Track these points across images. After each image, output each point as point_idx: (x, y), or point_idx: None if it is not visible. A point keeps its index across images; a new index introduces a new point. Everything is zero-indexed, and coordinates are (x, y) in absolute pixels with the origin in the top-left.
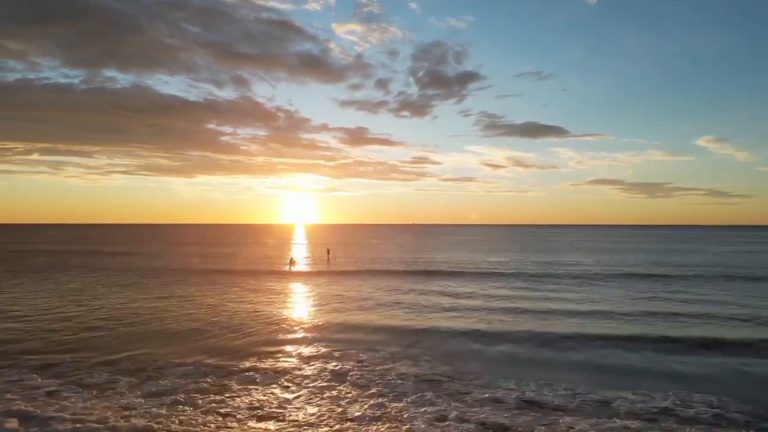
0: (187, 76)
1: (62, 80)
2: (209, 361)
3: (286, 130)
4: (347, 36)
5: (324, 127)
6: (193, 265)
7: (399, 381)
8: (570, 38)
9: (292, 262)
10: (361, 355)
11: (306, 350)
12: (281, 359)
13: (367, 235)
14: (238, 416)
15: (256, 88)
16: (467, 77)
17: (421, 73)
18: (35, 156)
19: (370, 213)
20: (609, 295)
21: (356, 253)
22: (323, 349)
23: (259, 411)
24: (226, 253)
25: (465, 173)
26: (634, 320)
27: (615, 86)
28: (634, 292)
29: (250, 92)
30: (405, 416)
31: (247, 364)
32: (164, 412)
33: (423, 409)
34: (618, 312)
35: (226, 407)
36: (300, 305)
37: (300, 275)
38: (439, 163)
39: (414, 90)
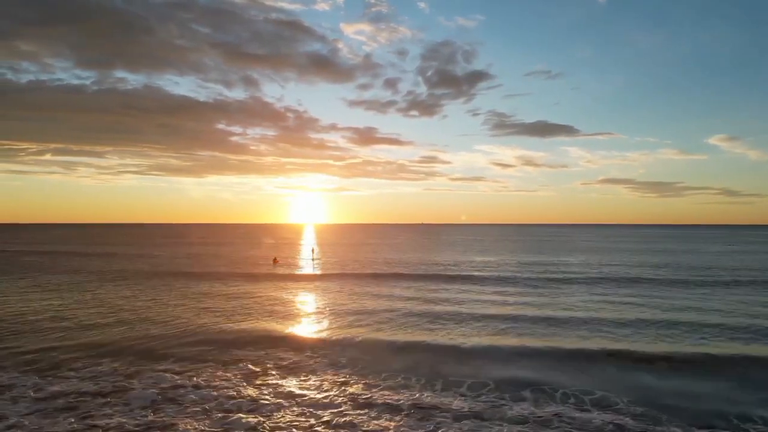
0: (197, 77)
1: (74, 81)
2: None
3: (295, 130)
4: (356, 36)
5: (333, 127)
6: (165, 267)
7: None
8: (580, 37)
9: (275, 261)
10: (221, 371)
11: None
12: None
13: (368, 235)
14: None
15: (265, 88)
16: (476, 76)
17: (429, 73)
18: (48, 156)
19: (379, 212)
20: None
21: (345, 254)
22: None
23: None
24: (213, 254)
25: (474, 172)
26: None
27: (626, 84)
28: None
29: (259, 92)
30: None
31: None
32: None
33: None
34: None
35: None
36: (206, 311)
37: (270, 276)
38: (448, 163)
39: (423, 89)
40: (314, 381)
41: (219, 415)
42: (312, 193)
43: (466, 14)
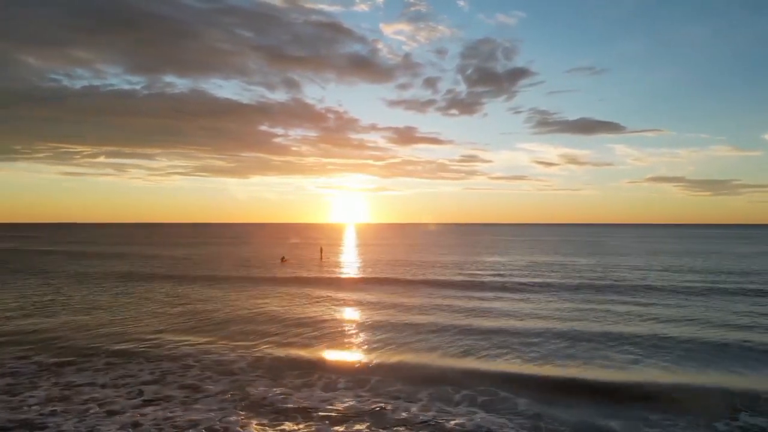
0: (241, 80)
1: (125, 86)
2: None
3: (335, 131)
4: (395, 36)
5: (373, 127)
6: (163, 269)
7: None
8: (626, 30)
9: (283, 261)
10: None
11: None
12: None
13: (403, 235)
14: None
15: (306, 89)
16: (517, 74)
17: (469, 71)
18: (101, 159)
19: (419, 212)
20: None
21: (357, 255)
22: None
23: None
24: (228, 253)
25: (516, 171)
26: None
27: (676, 78)
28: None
29: (300, 94)
30: None
31: None
32: None
33: None
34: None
35: None
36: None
37: (262, 279)
38: (489, 162)
39: (463, 88)
40: None
41: None
42: (352, 193)
43: (507, 11)
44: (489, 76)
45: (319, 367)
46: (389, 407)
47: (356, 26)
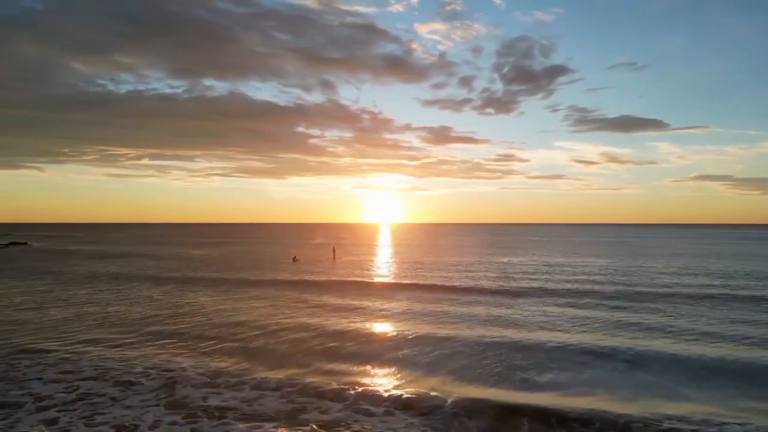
0: (278, 82)
1: (167, 90)
2: None
3: (370, 131)
4: (430, 35)
5: (407, 127)
6: (167, 271)
7: None
8: (669, 24)
9: (294, 260)
10: None
11: None
12: None
13: (428, 234)
14: None
15: (341, 90)
16: (555, 71)
17: (506, 69)
18: (145, 161)
19: (455, 212)
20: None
21: (375, 256)
22: None
23: None
24: (242, 253)
25: (554, 170)
26: None
27: (722, 73)
28: None
29: (336, 95)
30: None
31: None
32: None
33: None
34: None
35: None
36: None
37: (260, 283)
38: (526, 161)
39: (499, 86)
40: None
41: None
42: (387, 193)
43: (544, 8)
44: (526, 74)
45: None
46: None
47: (391, 27)
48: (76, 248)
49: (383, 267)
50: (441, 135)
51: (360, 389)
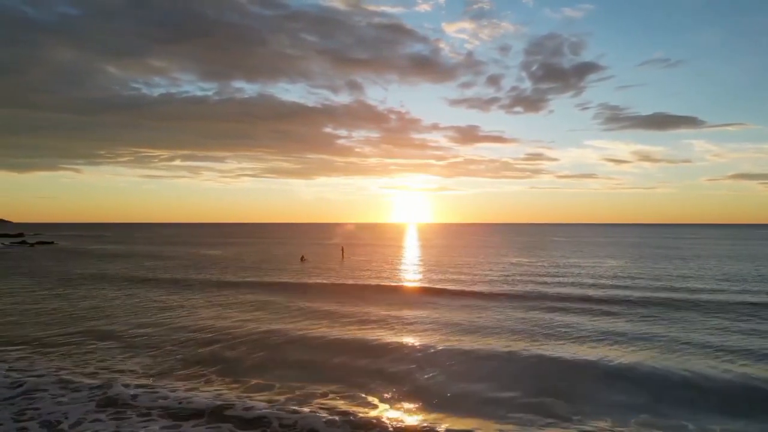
0: (306, 83)
1: (198, 93)
2: None
3: (397, 131)
4: (457, 35)
5: (434, 127)
6: (169, 272)
7: None
8: (702, 20)
9: (302, 260)
10: None
11: None
12: None
13: (445, 234)
14: None
15: (368, 91)
16: (585, 68)
17: (534, 67)
18: (177, 162)
19: (483, 212)
20: None
21: (384, 256)
22: None
23: None
24: (253, 252)
25: (584, 169)
26: None
27: (760, 69)
28: None
29: (363, 95)
30: None
31: None
32: None
33: None
34: None
35: None
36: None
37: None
38: (555, 160)
39: (527, 85)
40: None
41: None
42: (414, 193)
43: (573, 5)
44: (555, 72)
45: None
46: None
47: (418, 26)
48: (96, 248)
49: (389, 267)
50: (468, 134)
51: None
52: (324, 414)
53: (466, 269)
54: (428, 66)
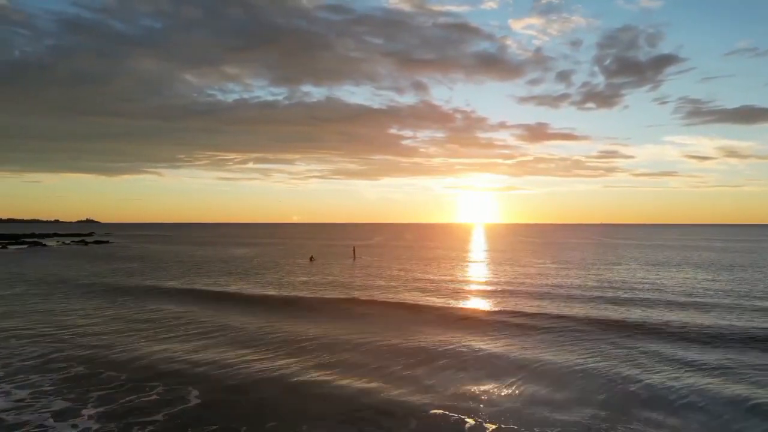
0: (371, 85)
1: (270, 98)
2: None
3: (463, 131)
4: (525, 31)
5: (501, 125)
6: (172, 274)
7: None
8: None
9: (311, 260)
10: None
11: None
12: None
13: (507, 234)
14: None
15: (434, 91)
16: (663, 61)
17: (608, 61)
18: (250, 164)
19: (553, 212)
20: None
21: (397, 258)
22: None
23: None
24: (268, 253)
25: (663, 167)
26: None
27: None
28: None
29: (428, 96)
30: None
31: None
32: None
33: None
34: None
35: None
36: None
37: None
38: (630, 157)
39: (600, 80)
40: None
41: None
42: (480, 193)
43: None
44: (630, 66)
45: None
46: None
47: (484, 24)
48: (136, 248)
49: (401, 273)
50: (537, 132)
51: None
52: None
53: (510, 279)
54: (495, 64)
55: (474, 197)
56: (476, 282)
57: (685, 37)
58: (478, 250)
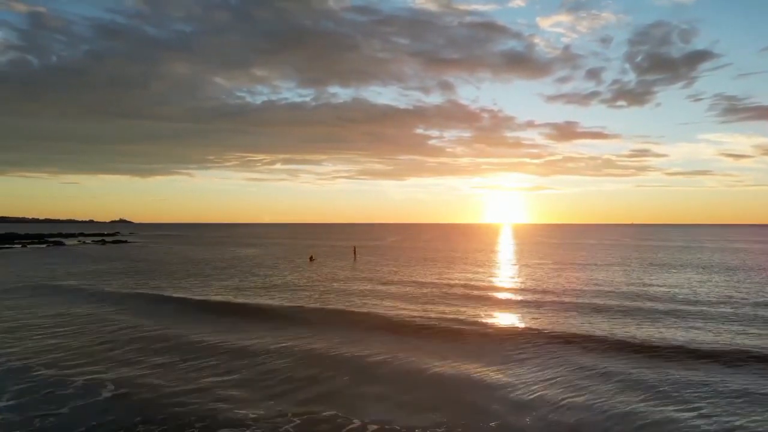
0: (398, 86)
1: (297, 99)
2: None
3: (490, 130)
4: (553, 29)
5: (529, 124)
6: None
7: None
8: None
9: (311, 260)
10: None
11: None
12: None
13: (534, 234)
14: None
15: (460, 90)
16: (697, 57)
17: (639, 58)
18: (278, 165)
19: (583, 212)
20: None
21: (396, 259)
22: None
23: None
24: (269, 253)
25: (697, 166)
26: None
27: None
28: None
29: (455, 95)
30: None
31: None
32: None
33: None
34: None
35: None
36: None
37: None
38: (663, 156)
39: (631, 77)
40: None
41: None
42: (508, 193)
43: None
44: (663, 62)
45: None
46: None
47: (511, 23)
48: (151, 248)
49: (388, 275)
50: (566, 131)
51: None
52: None
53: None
54: (522, 62)
55: (502, 197)
56: (455, 286)
57: (719, 33)
58: (487, 251)
